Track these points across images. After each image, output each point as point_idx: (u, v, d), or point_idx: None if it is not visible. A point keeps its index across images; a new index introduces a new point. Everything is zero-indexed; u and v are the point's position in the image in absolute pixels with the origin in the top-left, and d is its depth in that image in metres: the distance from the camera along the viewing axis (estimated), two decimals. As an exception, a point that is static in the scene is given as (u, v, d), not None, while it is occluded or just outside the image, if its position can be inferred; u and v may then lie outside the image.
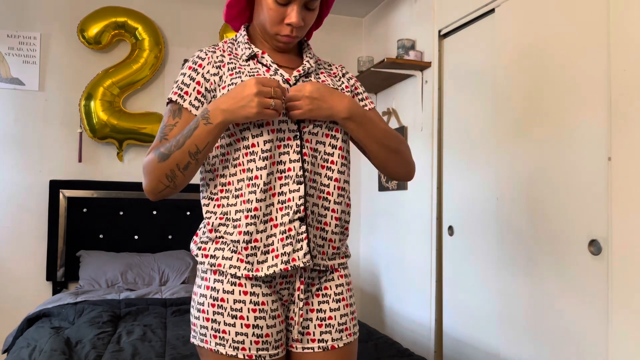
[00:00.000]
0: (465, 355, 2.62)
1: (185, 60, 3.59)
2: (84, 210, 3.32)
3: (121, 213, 3.39)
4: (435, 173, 2.93)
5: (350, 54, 3.98)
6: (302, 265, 1.09)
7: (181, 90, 1.13)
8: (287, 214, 1.08)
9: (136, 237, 3.42)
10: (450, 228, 2.80)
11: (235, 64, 1.16)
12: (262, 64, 1.17)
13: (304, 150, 1.11)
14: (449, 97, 2.87)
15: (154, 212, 3.46)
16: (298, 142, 1.11)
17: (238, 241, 1.09)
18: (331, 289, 1.19)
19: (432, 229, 2.93)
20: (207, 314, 1.09)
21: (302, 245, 1.09)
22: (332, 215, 1.16)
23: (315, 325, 1.16)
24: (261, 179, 1.08)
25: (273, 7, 1.12)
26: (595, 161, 1.88)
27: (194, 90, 1.13)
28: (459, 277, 2.71)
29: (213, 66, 1.15)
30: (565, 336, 1.99)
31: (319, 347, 1.16)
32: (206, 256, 1.13)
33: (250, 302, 1.09)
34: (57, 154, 3.34)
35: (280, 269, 1.08)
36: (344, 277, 1.21)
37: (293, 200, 1.09)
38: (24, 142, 3.29)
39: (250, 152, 1.10)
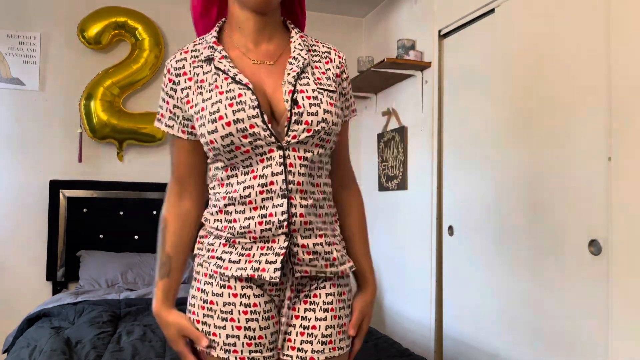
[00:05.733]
0: (465, 355, 2.62)
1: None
2: (84, 210, 3.32)
3: (121, 213, 3.39)
4: (435, 173, 2.93)
5: (350, 54, 3.98)
6: (268, 279, 1.04)
7: (159, 113, 1.12)
8: (269, 229, 1.04)
9: (136, 237, 3.42)
10: (450, 228, 2.80)
11: (199, 71, 1.08)
12: (220, 70, 1.05)
13: (288, 162, 1.04)
14: (449, 97, 2.87)
15: (154, 212, 3.46)
16: (281, 152, 1.05)
17: (220, 237, 1.08)
18: (320, 297, 1.12)
19: (432, 229, 2.93)
20: (197, 316, 1.08)
21: (276, 260, 1.04)
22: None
23: (297, 332, 1.10)
24: (238, 192, 1.05)
25: None
26: (596, 161, 1.88)
27: (165, 110, 1.10)
28: (459, 277, 2.71)
29: (175, 76, 1.09)
30: (565, 336, 1.99)
31: (297, 357, 1.09)
32: (198, 246, 1.15)
33: (241, 304, 1.06)
34: (57, 154, 3.34)
35: (247, 275, 1.04)
36: (336, 287, 1.13)
37: (275, 216, 1.04)
38: (24, 142, 3.29)
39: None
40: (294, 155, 1.04)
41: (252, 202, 1.04)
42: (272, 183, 1.03)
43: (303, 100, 1.04)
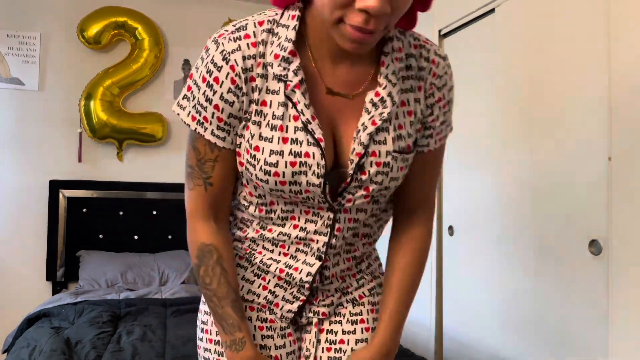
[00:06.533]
0: (465, 355, 2.62)
1: (186, 62, 3.59)
2: (84, 210, 3.32)
3: (121, 213, 3.39)
4: (435, 173, 2.92)
5: (350, 54, 3.97)
6: (279, 315, 0.96)
7: (199, 115, 0.84)
8: (288, 281, 0.93)
9: (136, 237, 3.42)
10: (451, 228, 2.80)
11: (262, 85, 0.82)
12: (291, 103, 0.81)
13: (337, 225, 0.90)
14: (449, 97, 2.87)
15: (154, 212, 3.46)
16: (331, 215, 0.89)
17: (238, 256, 0.98)
18: (347, 309, 0.99)
19: (433, 229, 2.93)
20: (210, 334, 0.96)
21: (293, 301, 0.95)
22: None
23: (323, 348, 0.98)
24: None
25: None
26: (596, 161, 1.87)
27: (213, 116, 0.83)
28: (459, 277, 2.71)
29: (240, 78, 0.81)
30: (565, 336, 1.99)
31: None
32: None
33: (257, 318, 0.96)
34: (56, 154, 3.34)
35: (259, 303, 0.95)
36: (365, 297, 1.00)
37: (300, 273, 0.92)
38: (23, 142, 3.29)
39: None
40: (345, 218, 0.90)
41: (284, 247, 0.92)
42: (312, 240, 0.90)
43: (371, 166, 0.84)
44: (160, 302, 2.73)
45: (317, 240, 0.89)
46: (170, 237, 3.48)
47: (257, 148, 0.82)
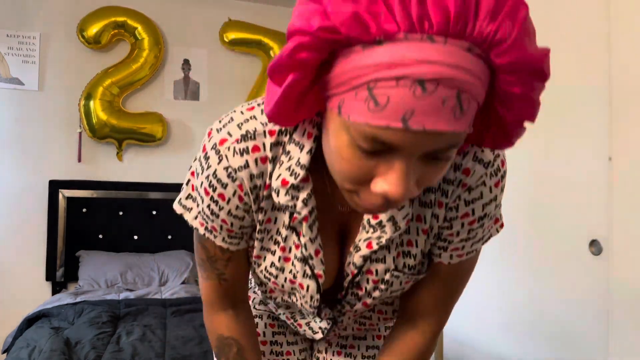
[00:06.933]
0: (465, 355, 2.62)
1: (186, 62, 3.58)
2: (84, 210, 3.31)
3: (121, 213, 3.39)
4: (435, 173, 2.92)
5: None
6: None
7: (207, 223, 0.74)
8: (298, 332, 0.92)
9: (136, 237, 3.41)
10: (450, 228, 2.80)
11: (268, 205, 0.72)
12: (295, 233, 0.72)
13: (340, 319, 0.86)
14: (449, 97, 2.87)
15: (154, 212, 3.46)
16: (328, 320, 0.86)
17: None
18: (359, 349, 0.98)
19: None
20: None
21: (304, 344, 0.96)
22: (377, 317, 0.92)
23: (334, 351, 0.98)
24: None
25: (350, 154, 0.54)
26: (596, 161, 1.87)
27: (222, 228, 0.74)
28: (459, 277, 2.71)
29: (248, 197, 0.70)
30: (565, 336, 1.99)
31: None
32: None
33: (269, 317, 0.96)
34: (56, 153, 3.34)
35: (272, 332, 0.95)
36: (381, 338, 0.98)
37: (303, 329, 0.89)
38: (23, 142, 3.29)
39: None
40: (349, 314, 0.84)
41: (288, 317, 0.91)
42: (313, 333, 0.89)
43: (367, 283, 0.76)
44: (160, 303, 2.72)
45: (320, 327, 0.87)
46: (170, 237, 3.48)
47: (259, 257, 0.78)
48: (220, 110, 3.63)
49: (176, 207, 0.79)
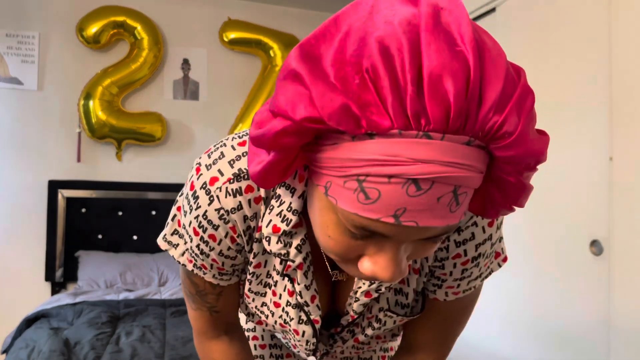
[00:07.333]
0: (465, 355, 2.62)
1: (185, 62, 3.58)
2: (83, 210, 3.31)
3: (120, 213, 3.38)
4: (435, 173, 2.92)
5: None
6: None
7: (196, 260, 0.70)
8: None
9: (135, 237, 3.41)
10: (451, 228, 2.79)
11: (259, 249, 0.68)
12: (289, 279, 0.69)
13: (333, 349, 0.82)
14: (449, 97, 2.86)
15: (153, 212, 3.45)
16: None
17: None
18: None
19: None
20: None
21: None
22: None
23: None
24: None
25: (337, 234, 0.51)
26: (597, 161, 1.87)
27: (212, 267, 0.70)
28: (459, 278, 2.70)
29: (240, 238, 0.67)
30: (565, 336, 1.99)
31: None
32: None
33: (271, 355, 0.95)
34: (55, 153, 3.33)
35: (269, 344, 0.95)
36: (381, 338, 0.92)
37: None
38: (22, 141, 3.28)
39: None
40: (341, 350, 0.82)
41: (283, 338, 0.87)
42: (307, 357, 0.85)
43: (363, 321, 0.74)
44: (160, 303, 2.72)
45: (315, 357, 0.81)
46: (169, 237, 3.47)
47: (247, 296, 0.74)
48: (220, 110, 3.63)
49: (160, 243, 0.73)
